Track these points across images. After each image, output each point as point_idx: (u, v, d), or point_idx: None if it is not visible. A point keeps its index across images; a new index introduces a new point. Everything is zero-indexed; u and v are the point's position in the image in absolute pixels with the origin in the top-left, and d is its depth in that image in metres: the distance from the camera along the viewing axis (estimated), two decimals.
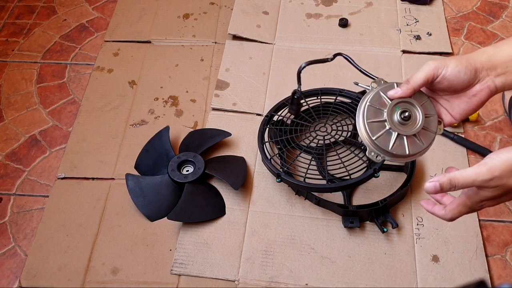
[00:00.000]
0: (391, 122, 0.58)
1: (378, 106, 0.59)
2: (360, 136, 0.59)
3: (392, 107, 0.58)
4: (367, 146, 0.59)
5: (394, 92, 0.58)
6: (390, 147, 0.57)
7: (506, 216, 0.87)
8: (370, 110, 0.59)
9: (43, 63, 1.14)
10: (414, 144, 0.58)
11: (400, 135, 0.58)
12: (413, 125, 0.58)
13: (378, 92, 0.59)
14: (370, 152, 0.58)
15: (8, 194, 0.93)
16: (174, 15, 1.22)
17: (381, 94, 0.59)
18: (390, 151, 0.57)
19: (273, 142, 0.94)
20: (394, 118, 0.58)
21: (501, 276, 0.80)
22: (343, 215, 0.85)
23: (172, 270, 0.81)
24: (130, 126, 1.01)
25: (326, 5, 1.23)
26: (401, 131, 0.58)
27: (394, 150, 0.57)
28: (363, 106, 0.59)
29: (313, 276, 0.80)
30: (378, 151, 0.58)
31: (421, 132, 0.59)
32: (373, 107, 0.59)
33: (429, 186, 0.54)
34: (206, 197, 0.89)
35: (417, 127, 0.58)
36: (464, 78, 0.56)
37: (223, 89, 1.06)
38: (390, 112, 0.58)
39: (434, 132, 0.59)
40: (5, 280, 0.82)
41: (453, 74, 0.56)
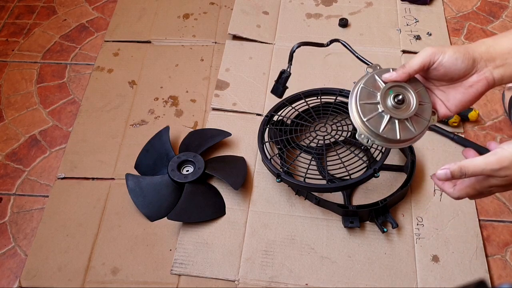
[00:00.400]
0: (384, 104, 0.57)
1: (372, 89, 0.58)
2: (351, 118, 0.58)
3: (386, 90, 0.57)
4: (357, 128, 0.58)
5: (389, 75, 0.58)
6: (381, 130, 0.56)
7: (506, 216, 0.87)
8: (364, 92, 0.58)
9: (43, 63, 1.14)
10: (406, 130, 0.57)
11: (392, 118, 0.57)
12: (406, 110, 0.57)
13: (373, 75, 0.59)
14: (360, 135, 0.57)
15: (8, 194, 0.93)
16: (174, 15, 1.22)
17: (376, 77, 0.59)
18: (381, 134, 0.56)
19: (273, 142, 0.94)
20: (387, 101, 0.57)
21: (501, 276, 0.80)
22: (343, 215, 0.85)
23: (172, 270, 0.81)
24: (130, 126, 1.01)
25: (326, 5, 1.23)
26: (393, 114, 0.57)
27: (385, 133, 0.57)
28: (357, 88, 0.58)
29: (313, 276, 0.80)
30: (369, 134, 0.57)
31: (414, 119, 0.58)
32: (367, 89, 0.58)
33: (441, 173, 0.54)
34: (206, 197, 0.89)
35: (411, 111, 0.57)
36: (462, 66, 0.55)
37: (223, 89, 1.06)
38: (383, 94, 0.57)
39: (427, 120, 0.58)
40: (5, 280, 0.82)
41: (450, 61, 0.55)
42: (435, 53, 0.55)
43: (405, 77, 0.57)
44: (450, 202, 0.87)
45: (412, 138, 0.58)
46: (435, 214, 0.86)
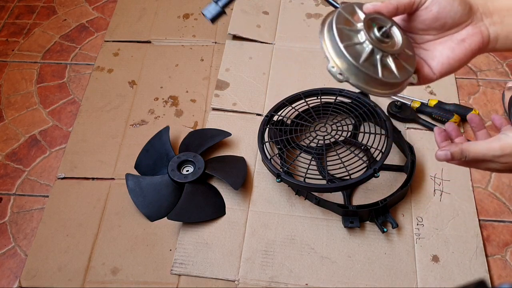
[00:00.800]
0: (367, 34, 0.47)
1: (351, 17, 0.49)
2: (322, 46, 0.48)
3: (368, 20, 0.48)
4: (329, 58, 0.47)
5: (372, 5, 0.48)
6: (361, 61, 0.46)
7: (506, 216, 0.87)
8: (341, 18, 0.48)
9: (43, 63, 1.14)
10: (388, 71, 0.48)
11: (376, 51, 0.47)
12: (391, 47, 0.48)
13: (351, 4, 0.50)
14: (333, 67, 0.47)
15: (8, 194, 0.93)
16: (174, 15, 1.22)
17: (355, 7, 0.50)
18: (360, 66, 0.46)
19: (273, 142, 0.94)
20: (370, 32, 0.48)
21: (501, 276, 0.80)
22: (343, 215, 0.85)
23: (172, 270, 0.81)
24: (130, 126, 1.01)
25: (326, 5, 1.22)
26: (377, 46, 0.47)
27: (364, 66, 0.46)
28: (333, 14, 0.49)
29: (313, 276, 0.80)
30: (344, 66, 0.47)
31: (397, 62, 0.48)
32: (345, 16, 0.48)
33: (440, 154, 0.52)
34: (206, 197, 0.89)
35: (397, 48, 0.48)
36: (458, 9, 0.47)
37: (223, 89, 1.06)
38: (366, 24, 0.48)
39: (411, 70, 0.49)
40: (5, 280, 0.82)
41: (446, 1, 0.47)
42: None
43: (392, 8, 0.48)
44: (450, 202, 0.87)
45: (393, 85, 0.49)
46: (435, 214, 0.86)
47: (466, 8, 0.47)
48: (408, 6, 0.48)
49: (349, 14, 0.49)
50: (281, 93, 1.02)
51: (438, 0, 0.47)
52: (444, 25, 0.48)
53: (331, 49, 0.47)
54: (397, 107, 0.97)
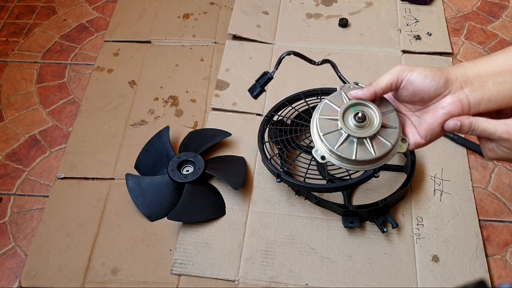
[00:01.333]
0: (343, 121, 0.55)
1: (336, 105, 0.57)
2: (311, 133, 0.57)
3: (348, 107, 0.56)
4: (315, 143, 0.57)
5: (354, 92, 0.56)
6: (336, 147, 0.55)
7: (506, 216, 0.87)
8: (326, 107, 0.57)
9: (43, 63, 1.14)
10: (364, 151, 0.55)
11: (350, 137, 0.55)
12: (368, 129, 0.55)
13: (340, 91, 0.58)
14: (316, 150, 0.56)
15: (8, 194, 0.93)
16: (174, 15, 1.22)
17: (342, 94, 0.57)
18: (335, 151, 0.55)
19: (273, 142, 0.94)
20: (348, 119, 0.56)
21: (501, 276, 0.80)
22: (343, 215, 0.85)
23: (172, 270, 0.81)
24: (130, 126, 1.01)
25: (326, 5, 1.23)
26: (351, 133, 0.55)
27: (339, 150, 0.55)
28: (321, 103, 0.57)
29: (313, 276, 0.80)
30: (325, 150, 0.56)
31: (376, 141, 0.55)
32: (330, 104, 0.57)
33: (450, 123, 0.52)
34: (206, 197, 0.89)
35: (371, 131, 0.55)
36: (431, 84, 0.52)
37: (223, 89, 1.06)
38: (344, 112, 0.56)
39: (391, 144, 0.55)
40: (5, 280, 0.82)
41: (419, 78, 0.53)
42: (403, 70, 0.53)
43: (370, 95, 0.55)
44: (450, 202, 0.87)
45: (370, 161, 0.56)
46: (435, 214, 0.86)
47: (440, 81, 0.52)
48: (386, 89, 0.55)
49: (335, 102, 0.57)
50: (281, 93, 1.02)
51: (412, 79, 0.53)
52: (423, 99, 0.54)
53: (316, 136, 0.57)
54: None
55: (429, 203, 0.87)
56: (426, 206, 0.87)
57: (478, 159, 0.94)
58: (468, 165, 0.92)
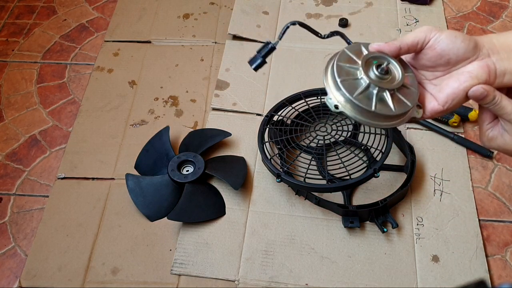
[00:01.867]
0: (365, 71, 0.51)
1: (355, 56, 0.52)
2: (324, 81, 0.53)
3: (369, 59, 0.52)
4: (328, 91, 0.52)
5: (376, 44, 0.52)
6: (355, 95, 0.50)
7: (506, 216, 0.87)
8: (344, 56, 0.52)
9: (43, 63, 1.14)
10: (384, 104, 0.51)
11: (371, 86, 0.51)
12: (389, 83, 0.52)
13: (358, 44, 0.54)
14: (329, 99, 0.52)
15: (8, 194, 0.93)
16: (174, 15, 1.22)
17: (361, 46, 0.53)
18: (353, 100, 0.50)
19: (273, 142, 0.94)
20: (369, 70, 0.52)
21: (501, 276, 0.80)
22: (343, 215, 0.85)
23: (172, 270, 0.81)
24: (130, 126, 1.01)
25: (326, 5, 1.23)
26: (373, 83, 0.51)
27: (358, 99, 0.50)
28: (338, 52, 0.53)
29: (313, 276, 0.80)
30: (340, 99, 0.51)
31: (396, 97, 0.52)
32: (348, 54, 0.52)
33: (478, 90, 0.49)
34: (206, 197, 0.89)
35: (394, 84, 0.51)
36: (461, 46, 0.50)
37: (223, 89, 1.06)
38: (365, 61, 0.52)
39: (410, 105, 0.52)
40: (5, 280, 0.82)
41: (449, 39, 0.50)
42: (431, 30, 0.50)
43: (394, 48, 0.51)
44: (450, 202, 0.87)
45: (387, 117, 0.52)
46: (435, 214, 0.86)
47: (470, 45, 0.50)
48: (412, 46, 0.51)
49: (354, 53, 0.53)
50: (281, 93, 1.02)
51: (441, 39, 0.50)
52: (449, 62, 0.51)
53: (331, 83, 0.52)
54: None
55: (429, 203, 0.87)
56: (426, 206, 0.87)
57: (478, 159, 0.94)
58: (468, 165, 0.92)
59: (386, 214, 0.83)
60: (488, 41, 0.51)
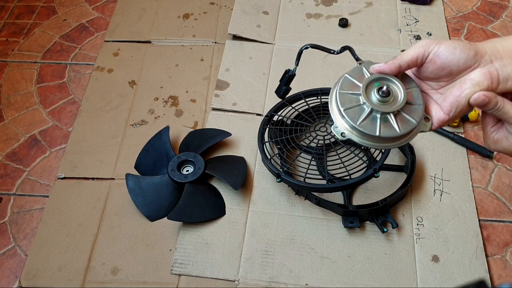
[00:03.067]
0: (366, 96, 0.52)
1: (357, 80, 0.53)
2: (330, 109, 0.53)
3: (371, 82, 0.52)
4: (334, 120, 0.53)
5: (377, 66, 0.53)
6: (359, 122, 0.51)
7: (506, 216, 0.87)
8: (346, 82, 0.53)
9: (43, 63, 1.14)
10: (388, 127, 0.51)
11: (374, 111, 0.51)
12: (392, 105, 0.52)
13: (360, 66, 0.54)
14: (336, 127, 0.53)
15: (8, 194, 0.93)
16: (174, 15, 1.22)
17: (363, 69, 0.54)
18: (358, 127, 0.51)
19: (273, 142, 0.94)
20: (370, 93, 0.52)
21: (501, 276, 0.80)
22: (343, 215, 0.85)
23: (172, 270, 0.81)
24: (130, 126, 1.01)
25: (326, 5, 1.23)
26: (375, 107, 0.51)
27: (362, 126, 0.51)
28: (341, 78, 0.54)
29: (313, 276, 0.80)
30: (345, 126, 0.52)
31: (400, 117, 0.52)
32: (350, 79, 0.53)
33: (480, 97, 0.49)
34: (206, 197, 0.89)
35: (395, 106, 0.52)
36: (460, 56, 0.50)
37: (223, 89, 1.06)
38: (366, 85, 0.52)
39: (416, 121, 0.52)
40: (5, 280, 0.82)
41: (448, 50, 0.50)
42: (429, 44, 0.51)
43: (394, 68, 0.52)
44: (450, 202, 0.87)
45: (394, 138, 0.52)
46: (435, 214, 0.86)
47: (470, 53, 0.50)
48: (412, 63, 0.52)
49: (356, 77, 0.53)
50: None
51: (440, 51, 0.50)
52: (451, 72, 0.51)
53: (336, 111, 0.53)
54: None
55: (429, 203, 0.87)
56: (426, 206, 0.87)
57: (478, 159, 0.94)
58: (468, 165, 0.92)
59: (386, 214, 0.83)
60: (491, 47, 0.50)
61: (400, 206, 0.87)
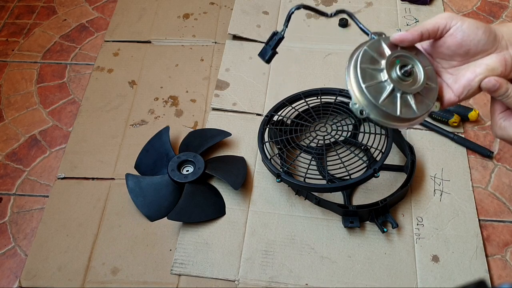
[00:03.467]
0: (389, 73, 0.50)
1: (376, 54, 0.51)
2: (347, 83, 0.51)
3: (393, 58, 0.51)
4: (352, 96, 0.51)
5: (398, 35, 0.51)
6: (381, 101, 0.49)
7: (506, 216, 0.87)
8: (366, 56, 0.50)
9: (43, 63, 1.14)
10: (408, 107, 0.50)
11: (396, 90, 0.50)
12: (412, 85, 0.51)
13: (379, 40, 0.52)
14: (355, 104, 0.50)
15: (8, 194, 0.93)
16: (174, 15, 1.22)
17: (382, 43, 0.51)
18: (379, 106, 0.49)
19: (273, 142, 0.94)
20: (392, 71, 0.50)
21: (501, 276, 0.80)
22: (343, 215, 0.85)
23: (172, 270, 0.81)
24: (130, 126, 1.01)
25: (326, 5, 1.23)
26: (397, 86, 0.50)
27: (384, 105, 0.49)
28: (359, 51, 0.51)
29: (313, 276, 0.80)
30: (365, 104, 0.50)
31: (418, 98, 0.51)
32: (370, 53, 0.51)
33: (491, 81, 0.48)
34: (206, 197, 0.89)
35: (417, 86, 0.50)
36: (482, 37, 0.48)
37: (223, 89, 1.06)
38: (389, 62, 0.50)
39: (431, 103, 0.51)
40: (5, 280, 0.82)
41: (470, 28, 0.48)
42: (453, 17, 0.49)
43: (417, 35, 0.50)
44: (450, 202, 0.87)
45: (411, 119, 0.51)
46: (435, 214, 0.86)
47: (490, 36, 0.49)
48: (433, 32, 0.50)
49: (375, 51, 0.51)
50: (281, 93, 1.02)
51: (462, 28, 0.49)
52: (468, 52, 0.50)
53: (355, 87, 0.50)
54: None
55: (429, 203, 0.87)
56: (426, 206, 0.87)
57: (478, 159, 0.94)
58: (468, 165, 0.92)
59: (386, 214, 0.83)
60: (507, 32, 0.50)
61: (400, 206, 0.87)
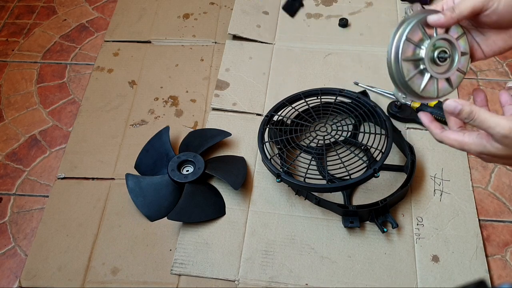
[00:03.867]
0: (428, 61, 0.52)
1: (416, 41, 0.52)
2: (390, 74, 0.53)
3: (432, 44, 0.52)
4: (395, 85, 0.53)
5: (436, 18, 0.51)
6: (421, 89, 0.52)
7: (506, 216, 0.87)
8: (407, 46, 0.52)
9: (43, 63, 1.14)
10: (444, 87, 0.54)
11: (433, 77, 0.52)
12: (447, 67, 0.53)
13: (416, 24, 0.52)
14: (398, 92, 0.54)
15: (8, 194, 0.93)
16: (174, 15, 1.22)
17: (420, 27, 0.52)
18: (420, 94, 0.53)
19: (273, 142, 0.94)
20: (430, 58, 0.52)
21: (501, 276, 0.80)
22: (343, 215, 0.85)
23: (172, 270, 0.81)
24: (130, 126, 1.01)
25: (326, 5, 1.23)
26: (434, 73, 0.52)
27: (424, 92, 0.53)
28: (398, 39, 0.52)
29: (313, 276, 0.80)
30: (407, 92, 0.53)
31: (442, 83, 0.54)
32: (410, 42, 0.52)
33: (450, 104, 0.49)
34: (206, 197, 0.89)
35: (452, 70, 0.53)
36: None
37: (223, 89, 1.06)
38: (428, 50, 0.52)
39: (464, 73, 0.54)
40: (5, 280, 0.82)
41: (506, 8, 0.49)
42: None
43: (453, 22, 0.51)
44: (450, 202, 0.87)
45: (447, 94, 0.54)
46: (435, 214, 0.86)
47: None
48: (469, 17, 0.51)
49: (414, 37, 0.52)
50: (281, 93, 1.02)
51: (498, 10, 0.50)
52: (501, 26, 0.52)
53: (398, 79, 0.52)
54: (397, 107, 0.98)
55: (429, 203, 0.87)
56: (426, 206, 0.87)
57: (478, 159, 0.94)
58: (468, 165, 0.92)
59: (386, 214, 0.83)
60: None
61: (400, 206, 0.87)
